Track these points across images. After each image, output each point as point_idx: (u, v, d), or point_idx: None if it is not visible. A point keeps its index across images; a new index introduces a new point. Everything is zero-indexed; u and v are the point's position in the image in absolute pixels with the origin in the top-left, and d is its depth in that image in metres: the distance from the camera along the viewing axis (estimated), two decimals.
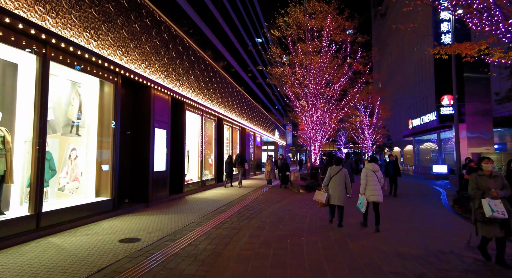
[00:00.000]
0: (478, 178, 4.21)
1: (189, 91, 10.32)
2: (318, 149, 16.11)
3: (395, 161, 11.02)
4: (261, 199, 9.99)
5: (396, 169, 10.88)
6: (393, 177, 10.88)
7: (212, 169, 13.71)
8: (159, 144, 8.78)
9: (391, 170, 10.89)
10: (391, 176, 10.90)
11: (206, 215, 7.16)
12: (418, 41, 30.53)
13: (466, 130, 16.57)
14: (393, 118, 35.95)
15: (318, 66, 14.85)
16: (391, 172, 10.88)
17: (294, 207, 8.42)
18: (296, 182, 13.04)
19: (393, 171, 10.84)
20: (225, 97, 14.54)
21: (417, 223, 6.54)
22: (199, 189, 11.80)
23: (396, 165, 10.92)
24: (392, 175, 10.88)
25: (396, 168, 10.88)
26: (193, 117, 12.03)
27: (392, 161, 11.01)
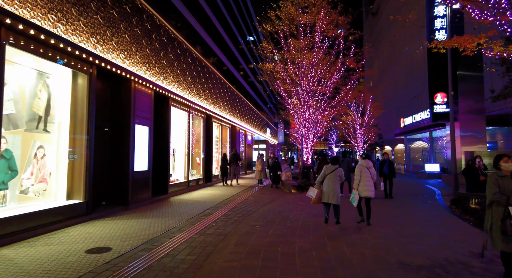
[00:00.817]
0: (500, 180, 3.45)
1: (174, 86, 9.70)
2: (310, 147, 15.67)
3: (390, 160, 10.32)
4: (250, 200, 9.46)
5: (392, 168, 10.23)
6: (388, 177, 10.23)
7: (200, 169, 13.11)
8: (141, 141, 8.15)
9: (386, 169, 10.14)
10: (386, 176, 10.19)
11: (190, 218, 6.58)
12: (409, 40, 30.44)
13: (459, 129, 16.36)
14: (384, 117, 35.89)
15: (310, 62, 14.38)
16: (386, 171, 10.14)
17: (285, 209, 7.92)
18: (287, 182, 12.56)
19: (388, 171, 10.15)
20: (214, 94, 13.94)
21: (417, 227, 6.11)
22: (185, 190, 11.19)
23: (391, 165, 10.26)
24: (387, 175, 10.18)
25: (392, 168, 10.23)
26: (179, 113, 11.40)
27: (387, 160, 10.28)
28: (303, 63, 14.51)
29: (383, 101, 32.88)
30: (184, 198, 9.75)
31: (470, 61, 16.53)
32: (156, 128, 9.67)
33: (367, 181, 6.12)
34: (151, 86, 8.37)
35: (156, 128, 9.62)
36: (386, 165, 10.19)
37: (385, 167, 10.15)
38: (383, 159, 10.54)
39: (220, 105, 14.73)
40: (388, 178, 10.23)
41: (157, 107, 9.65)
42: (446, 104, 16.22)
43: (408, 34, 31.11)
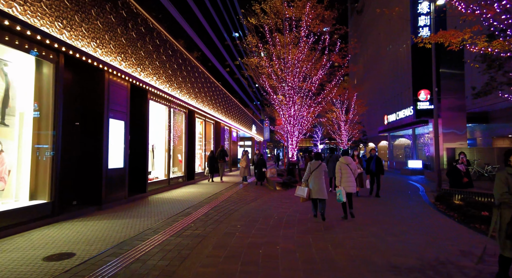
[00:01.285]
0: (511, 178, 3.09)
1: (152, 78, 9.18)
2: (296, 144, 15.48)
3: (378, 157, 9.69)
4: (234, 198, 9.11)
5: (379, 165, 9.53)
6: (375, 174, 9.60)
7: (182, 166, 12.63)
8: (115, 137, 7.62)
9: (373, 166, 9.52)
10: (374, 174, 9.61)
11: (167, 219, 6.17)
12: (393, 38, 30.77)
13: (442, 126, 16.57)
14: (368, 114, 36.29)
15: (296, 57, 14.12)
16: (373, 168, 9.53)
17: (269, 207, 7.62)
18: (272, 179, 12.29)
19: (376, 167, 9.51)
20: (197, 88, 13.45)
21: (404, 225, 5.95)
22: (166, 188, 10.71)
23: (379, 161, 9.56)
24: (374, 173, 9.57)
25: (379, 165, 9.53)
26: (159, 108, 10.88)
27: (374, 156, 9.64)
28: (289, 58, 14.24)
29: (367, 99, 33.18)
30: (164, 196, 9.29)
31: (452, 59, 16.75)
32: (133, 123, 9.13)
33: (348, 177, 6.35)
34: (127, 78, 7.84)
35: (133, 123, 9.09)
36: (373, 161, 9.60)
37: (372, 163, 9.58)
38: (370, 155, 9.97)
39: (203, 101, 14.26)
40: (375, 175, 9.61)
41: (134, 100, 9.12)
42: (429, 101, 16.38)
43: (392, 33, 31.43)
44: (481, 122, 19.55)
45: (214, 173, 13.90)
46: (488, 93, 11.54)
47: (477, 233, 5.28)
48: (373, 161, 9.58)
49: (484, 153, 15.27)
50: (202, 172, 15.10)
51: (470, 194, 7.86)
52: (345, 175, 6.34)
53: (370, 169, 9.61)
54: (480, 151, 15.42)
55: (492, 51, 7.20)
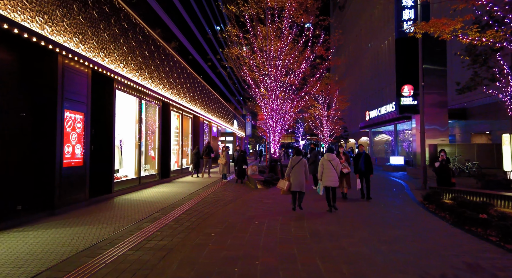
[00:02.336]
0: None
1: (119, 65, 8.17)
2: (278, 140, 14.85)
3: (367, 154, 8.46)
4: (211, 198, 8.33)
5: (369, 163, 8.28)
6: (364, 174, 8.30)
7: (155, 163, 11.67)
8: (73, 130, 6.63)
9: (362, 165, 8.27)
10: (362, 173, 8.32)
11: (130, 225, 5.32)
12: (375, 34, 30.75)
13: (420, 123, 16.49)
14: (349, 110, 36.36)
15: (278, 49, 13.40)
16: (362, 167, 8.27)
17: (249, 209, 6.91)
18: (253, 176, 11.60)
19: (364, 166, 8.26)
20: (172, 79, 12.46)
21: (395, 229, 5.42)
22: (136, 187, 9.77)
23: (368, 159, 8.33)
24: (364, 172, 8.28)
25: (369, 163, 8.28)
26: (128, 99, 9.86)
27: (363, 153, 8.40)
28: (271, 49, 13.50)
29: (348, 95, 33.12)
30: (132, 197, 8.36)
31: (435, 55, 16.64)
32: (97, 116, 8.13)
33: (329, 171, 6.69)
34: (86, 63, 6.82)
35: (96, 115, 8.08)
36: (362, 159, 8.36)
37: (360, 161, 8.34)
38: (358, 152, 8.70)
39: (179, 93, 13.28)
40: (364, 175, 8.35)
41: (98, 90, 8.10)
42: (413, 96, 16.22)
43: (374, 29, 31.42)
44: (459, 118, 19.74)
45: (197, 169, 13.98)
46: (473, 88, 11.36)
47: (476, 238, 4.81)
48: (362, 158, 8.35)
49: (465, 149, 15.31)
50: (179, 169, 14.19)
51: (460, 192, 7.51)
52: (327, 170, 6.71)
53: (358, 167, 8.34)
54: (461, 147, 15.44)
55: (487, 41, 6.78)
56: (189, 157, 16.02)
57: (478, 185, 10.15)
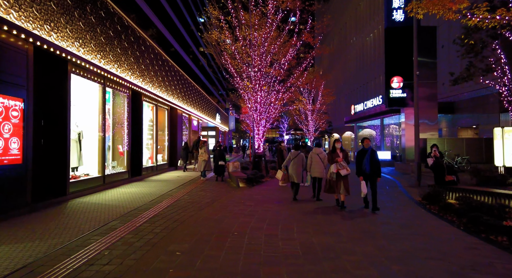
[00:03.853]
0: None
1: (73, 44, 6.82)
2: (262, 134, 13.83)
3: (373, 150, 6.32)
4: (184, 201, 7.21)
5: (376, 163, 6.18)
6: (371, 177, 6.19)
7: (125, 159, 10.36)
8: (5, 120, 5.30)
9: (367, 165, 6.12)
10: (368, 176, 6.19)
11: (73, 241, 4.14)
12: (360, 27, 30.15)
13: (414, 116, 15.93)
14: (334, 104, 35.86)
15: (263, 34, 12.30)
16: (367, 168, 6.13)
17: (228, 214, 5.86)
18: (235, 174, 10.53)
19: (370, 166, 6.12)
20: (144, 65, 11.11)
21: (403, 240, 4.53)
22: (100, 187, 8.48)
23: (375, 157, 6.22)
24: (369, 174, 6.17)
25: (376, 162, 6.19)
26: (89, 86, 8.51)
27: (369, 149, 6.26)
28: (255, 34, 12.37)
29: (333, 89, 32.48)
30: (91, 200, 7.10)
31: (424, 47, 16.03)
32: (47, 104, 6.81)
33: (317, 164, 7.18)
34: (23, 37, 5.47)
35: (46, 103, 6.77)
36: (367, 156, 6.18)
37: (365, 160, 6.17)
38: (362, 148, 6.44)
39: (152, 81, 11.94)
40: (370, 178, 6.21)
41: (47, 73, 6.76)
42: (402, 89, 15.60)
43: (359, 22, 30.83)
44: (447, 112, 19.44)
45: (185, 163, 14.25)
46: (469, 79, 10.75)
47: (506, 253, 3.93)
48: (367, 156, 6.18)
49: (454, 143, 14.87)
50: (153, 166, 12.92)
51: (463, 191, 6.77)
52: (314, 162, 7.21)
53: (362, 168, 6.20)
54: (450, 141, 15.00)
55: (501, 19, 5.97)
56: (165, 152, 14.74)
57: (473, 181, 9.55)
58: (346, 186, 6.35)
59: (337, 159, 6.41)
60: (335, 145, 6.65)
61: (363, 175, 6.27)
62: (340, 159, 6.40)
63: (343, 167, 6.33)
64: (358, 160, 6.39)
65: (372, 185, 6.29)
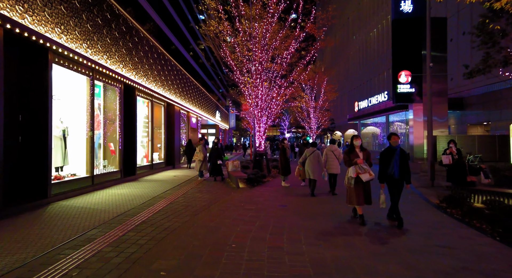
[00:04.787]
0: None
1: (53, 30, 6.12)
2: (263, 131, 13.14)
3: (403, 150, 4.96)
4: (178, 204, 6.54)
5: (405, 166, 4.89)
6: (398, 183, 4.90)
7: (117, 158, 9.69)
8: None
9: (395, 168, 4.81)
10: (395, 182, 4.88)
11: (37, 257, 3.47)
12: (364, 23, 29.33)
13: (423, 112, 15.21)
14: (336, 101, 35.08)
15: (263, 25, 11.57)
16: (395, 172, 4.81)
17: (225, 220, 5.18)
18: (234, 174, 9.84)
19: (399, 170, 4.82)
20: (137, 58, 10.42)
21: (438, 257, 3.84)
22: (88, 189, 7.81)
23: (405, 159, 4.90)
24: (397, 180, 4.86)
25: (407, 165, 4.92)
26: (75, 78, 7.81)
27: (397, 148, 4.91)
28: (255, 25, 11.65)
29: (336, 85, 31.69)
30: (76, 203, 6.43)
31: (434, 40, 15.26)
32: (21, 96, 6.12)
33: (332, 161, 7.61)
34: None
35: (20, 95, 6.08)
36: (396, 157, 4.82)
37: (394, 162, 4.81)
38: (389, 147, 4.99)
39: (147, 75, 11.25)
40: (396, 185, 4.89)
41: (24, 62, 6.09)
42: (410, 84, 14.85)
43: (362, 17, 30.03)
44: (455, 109, 18.66)
45: (191, 161, 14.12)
46: (487, 71, 9.99)
47: None
48: (396, 157, 4.82)
49: (465, 141, 14.14)
50: (148, 165, 12.25)
51: (491, 194, 6.06)
52: (330, 159, 7.61)
53: (389, 172, 4.85)
54: (461, 139, 14.26)
55: None
56: (161, 151, 14.06)
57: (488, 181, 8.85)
58: (368, 194, 5.09)
59: (357, 160, 5.02)
60: (353, 143, 5.28)
61: (388, 181, 4.92)
62: (361, 160, 5.03)
63: (364, 170, 4.93)
64: (383, 162, 4.95)
65: (397, 193, 4.94)
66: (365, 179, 4.93)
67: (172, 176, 11.50)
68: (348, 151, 5.30)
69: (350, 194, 5.18)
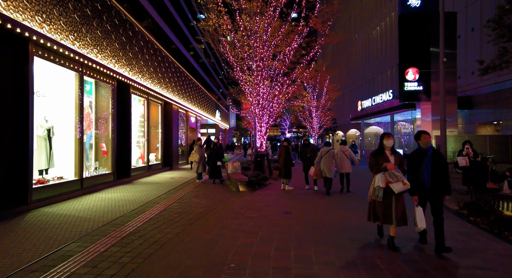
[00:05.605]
0: None
1: (32, 17, 5.53)
2: (265, 131, 12.54)
3: (437, 151, 3.91)
4: (173, 210, 5.94)
5: (443, 172, 3.82)
6: (432, 194, 3.84)
7: (109, 159, 9.10)
8: None
9: (426, 175, 3.82)
10: (429, 193, 3.87)
11: None
12: (366, 21, 28.71)
13: (431, 111, 14.59)
14: (338, 100, 34.43)
15: (265, 19, 10.97)
16: (426, 180, 3.83)
17: (224, 232, 4.58)
18: (234, 176, 9.25)
19: (433, 177, 3.80)
20: (132, 53, 9.83)
21: (475, 275, 3.24)
22: (76, 193, 7.22)
23: (440, 161, 3.82)
24: (430, 190, 3.84)
25: (443, 170, 3.83)
26: (62, 73, 7.23)
27: (429, 149, 3.88)
28: (256, 19, 11.05)
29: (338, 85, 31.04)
30: (59, 210, 5.83)
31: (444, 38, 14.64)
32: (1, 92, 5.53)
33: (344, 160, 7.93)
34: None
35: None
36: (427, 161, 3.82)
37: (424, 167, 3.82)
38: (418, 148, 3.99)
39: (143, 72, 10.66)
40: (432, 196, 3.84)
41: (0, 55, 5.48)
42: (418, 81, 14.25)
43: (365, 13, 29.40)
44: (463, 108, 18.03)
45: None
46: (504, 67, 9.37)
47: None
48: (427, 160, 3.82)
49: (476, 141, 13.51)
50: (144, 166, 11.65)
51: None
52: (342, 159, 7.95)
53: (420, 179, 3.86)
54: (471, 139, 13.61)
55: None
56: (158, 151, 13.48)
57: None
58: (401, 211, 3.89)
59: (387, 166, 3.88)
60: (383, 143, 4.04)
61: (421, 192, 3.88)
62: (392, 165, 3.87)
63: (396, 178, 3.81)
64: (411, 168, 3.94)
65: (436, 208, 3.78)
66: (397, 189, 3.78)
67: (169, 178, 10.92)
68: (375, 153, 4.10)
69: (376, 209, 4.04)
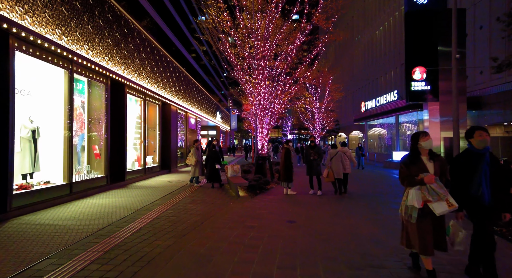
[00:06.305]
0: None
1: (11, 7, 5.07)
2: (267, 132, 12.04)
3: (493, 156, 3.02)
4: (166, 218, 5.44)
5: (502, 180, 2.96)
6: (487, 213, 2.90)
7: (102, 162, 8.61)
8: None
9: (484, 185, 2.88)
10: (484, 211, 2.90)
11: None
12: (369, 21, 28.24)
13: (439, 112, 14.05)
14: (340, 102, 33.92)
15: (267, 16, 10.52)
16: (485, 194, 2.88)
17: (221, 245, 4.06)
18: (234, 180, 8.73)
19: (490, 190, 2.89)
20: (127, 51, 9.37)
21: None
22: (64, 198, 6.73)
23: (499, 168, 2.95)
24: (488, 209, 2.90)
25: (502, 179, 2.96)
26: (49, 71, 6.77)
27: (486, 152, 3.00)
28: (257, 16, 10.58)
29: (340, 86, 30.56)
30: (41, 219, 5.34)
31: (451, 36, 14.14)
32: None
33: (345, 161, 8.12)
34: None
35: None
36: (484, 167, 2.91)
37: (481, 175, 2.89)
38: (469, 149, 3.10)
39: (139, 71, 10.20)
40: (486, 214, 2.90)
41: None
42: (425, 81, 13.73)
43: (368, 13, 28.94)
44: (471, 108, 17.48)
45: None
46: None
47: None
48: (485, 166, 2.91)
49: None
50: (140, 169, 11.16)
51: None
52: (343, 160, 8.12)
53: (472, 193, 2.91)
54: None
55: None
56: (156, 154, 12.99)
57: None
58: (440, 236, 2.94)
59: (425, 179, 2.88)
60: (420, 144, 3.05)
61: (470, 209, 2.96)
62: (432, 176, 2.88)
63: (438, 196, 2.82)
64: (459, 175, 3.01)
65: (486, 228, 2.88)
66: (439, 211, 2.78)
67: (166, 182, 10.42)
68: (409, 160, 3.07)
69: (409, 234, 3.03)
